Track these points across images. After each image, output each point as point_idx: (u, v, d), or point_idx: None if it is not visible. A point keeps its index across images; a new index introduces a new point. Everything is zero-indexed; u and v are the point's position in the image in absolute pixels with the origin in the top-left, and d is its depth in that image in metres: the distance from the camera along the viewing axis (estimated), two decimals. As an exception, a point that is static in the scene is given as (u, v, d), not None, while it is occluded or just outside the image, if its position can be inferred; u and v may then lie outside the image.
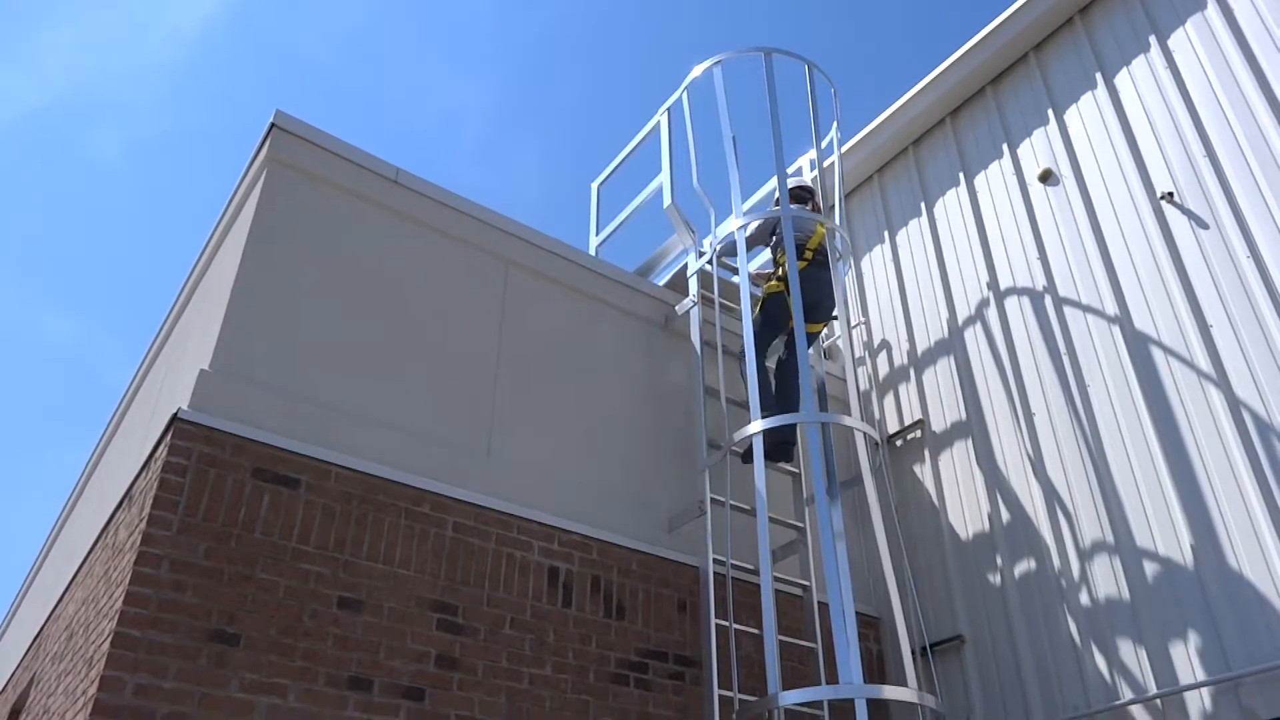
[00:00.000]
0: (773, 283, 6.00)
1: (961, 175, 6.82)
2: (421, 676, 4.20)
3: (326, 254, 5.00)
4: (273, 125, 5.05)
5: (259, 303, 4.64)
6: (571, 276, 5.91)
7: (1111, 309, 5.58)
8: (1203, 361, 5.06)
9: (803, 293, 5.54)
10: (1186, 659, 4.68)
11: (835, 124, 6.75)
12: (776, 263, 6.13)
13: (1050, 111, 6.36)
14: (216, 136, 30.91)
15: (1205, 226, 5.27)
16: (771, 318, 5.91)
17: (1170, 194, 5.46)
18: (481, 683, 4.35)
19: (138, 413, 6.16)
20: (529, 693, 4.45)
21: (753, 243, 6.15)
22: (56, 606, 5.64)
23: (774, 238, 6.23)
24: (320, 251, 4.98)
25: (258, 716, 3.76)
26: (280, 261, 4.81)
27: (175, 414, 4.14)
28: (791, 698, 4.37)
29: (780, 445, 5.62)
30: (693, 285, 6.17)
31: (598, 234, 7.67)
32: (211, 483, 4.08)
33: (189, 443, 4.11)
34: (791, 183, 6.39)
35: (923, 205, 7.03)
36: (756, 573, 5.08)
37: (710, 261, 6.13)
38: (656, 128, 6.89)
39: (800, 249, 5.92)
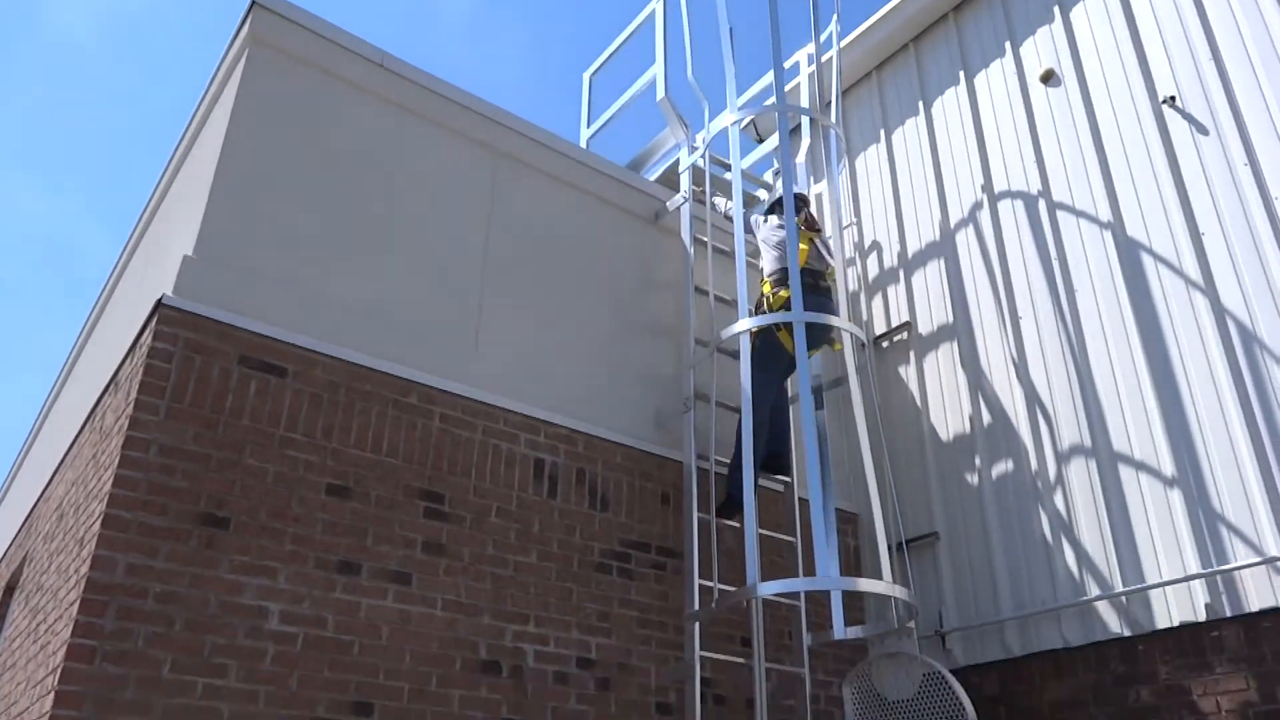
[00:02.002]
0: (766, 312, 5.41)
1: (962, 74, 6.67)
2: (409, 561, 4.30)
3: (311, 139, 4.89)
4: (253, 3, 4.87)
5: (243, 187, 4.56)
6: (561, 169, 5.82)
7: (1105, 214, 5.54)
8: (1192, 269, 5.06)
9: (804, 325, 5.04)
10: (1154, 559, 4.82)
11: (835, 17, 6.56)
12: (761, 290, 5.55)
13: (1056, 8, 6.19)
14: (193, 10, 29.82)
15: (1205, 132, 5.19)
16: (766, 358, 5.28)
17: (1172, 98, 5.37)
18: (468, 568, 4.45)
19: (122, 297, 6.12)
20: (514, 579, 4.56)
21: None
22: (47, 488, 5.71)
23: (775, 252, 5.53)
24: (305, 136, 4.87)
25: (248, 596, 3.85)
26: (264, 145, 4.71)
27: (160, 300, 4.11)
28: (769, 588, 4.50)
29: (771, 457, 5.36)
30: (684, 181, 6.09)
31: (589, 126, 7.52)
32: (198, 369, 4.08)
33: (174, 329, 4.09)
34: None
35: (921, 104, 6.90)
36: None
37: (703, 157, 6.03)
38: (651, 16, 6.69)
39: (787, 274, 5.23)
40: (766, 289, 5.47)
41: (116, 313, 6.02)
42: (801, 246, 5.37)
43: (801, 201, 5.74)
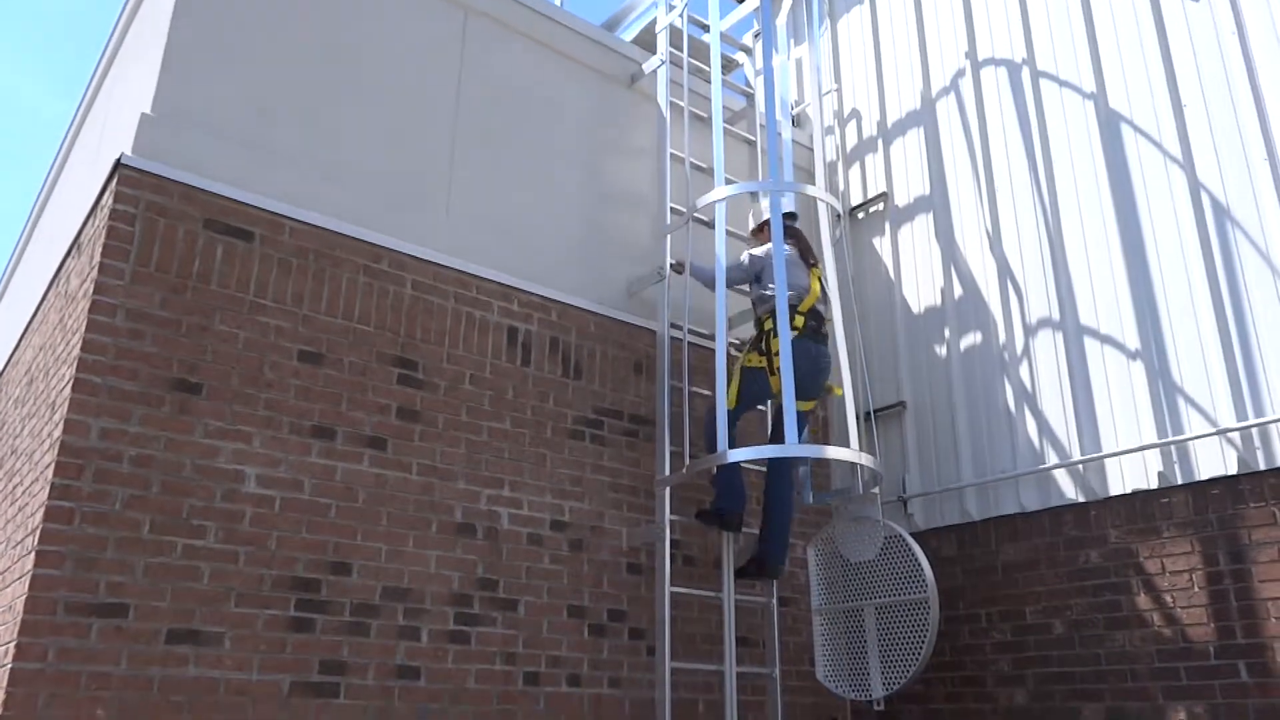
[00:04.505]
0: (752, 355, 4.97)
1: (951, -69, 6.41)
2: (383, 427, 4.34)
3: (270, -9, 4.65)
4: None
5: (202, 41, 4.36)
6: (534, 27, 5.60)
7: (1089, 85, 5.45)
8: (1171, 143, 5.02)
9: (792, 367, 4.56)
10: (1112, 429, 4.96)
11: None
12: (760, 327, 5.01)
13: None
14: None
15: (1195, -1, 5.06)
16: (748, 396, 4.98)
17: (1165, -38, 5.21)
18: (442, 434, 4.50)
19: (80, 156, 5.92)
20: (488, 444, 4.63)
21: (731, 282, 5.09)
22: (14, 352, 5.66)
23: (756, 285, 5.09)
24: (263, -12, 4.63)
25: (224, 460, 3.88)
26: (220, -3, 4.48)
27: (118, 160, 3.99)
28: (739, 454, 4.60)
29: (754, 561, 4.95)
30: (661, 42, 5.89)
31: (563, -19, 7.20)
32: (162, 232, 4.00)
33: (135, 190, 3.98)
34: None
35: (907, -37, 6.65)
36: (712, 338, 5.19)
37: (680, 16, 5.82)
38: None
39: (791, 313, 4.78)
40: (768, 326, 4.92)
41: (75, 173, 5.84)
42: (814, 286, 5.02)
43: (790, 218, 5.19)
